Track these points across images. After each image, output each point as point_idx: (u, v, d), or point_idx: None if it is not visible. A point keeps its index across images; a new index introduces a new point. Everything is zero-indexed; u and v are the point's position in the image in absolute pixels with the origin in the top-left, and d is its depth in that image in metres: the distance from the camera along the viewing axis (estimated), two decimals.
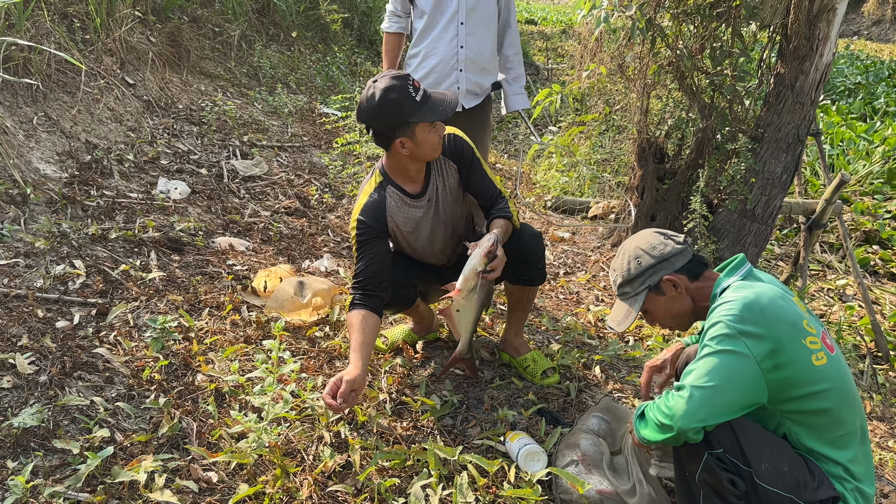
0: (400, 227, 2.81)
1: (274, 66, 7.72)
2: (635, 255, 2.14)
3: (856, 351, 3.77)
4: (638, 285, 2.14)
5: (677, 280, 2.09)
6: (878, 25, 29.69)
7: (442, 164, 2.80)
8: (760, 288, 1.94)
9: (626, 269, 2.15)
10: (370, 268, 2.67)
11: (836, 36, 3.74)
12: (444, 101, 2.57)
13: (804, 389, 1.85)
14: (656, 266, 2.10)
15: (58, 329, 2.88)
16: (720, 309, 1.91)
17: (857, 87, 11.80)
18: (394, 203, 2.76)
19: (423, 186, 2.79)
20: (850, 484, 1.88)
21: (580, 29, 4.86)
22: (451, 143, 2.78)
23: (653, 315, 2.19)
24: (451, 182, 2.83)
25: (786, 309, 1.89)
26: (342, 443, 2.51)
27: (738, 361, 1.82)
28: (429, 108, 2.53)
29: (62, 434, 2.32)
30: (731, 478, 1.82)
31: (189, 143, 5.34)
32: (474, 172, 2.81)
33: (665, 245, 2.12)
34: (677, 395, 1.87)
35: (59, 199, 3.81)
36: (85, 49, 5.14)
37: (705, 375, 1.83)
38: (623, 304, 2.20)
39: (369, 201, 2.73)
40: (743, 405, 1.86)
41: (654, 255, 2.11)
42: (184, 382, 2.73)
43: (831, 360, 1.88)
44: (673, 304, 2.12)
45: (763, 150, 3.89)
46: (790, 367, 1.82)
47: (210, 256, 3.82)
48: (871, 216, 5.82)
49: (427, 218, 2.84)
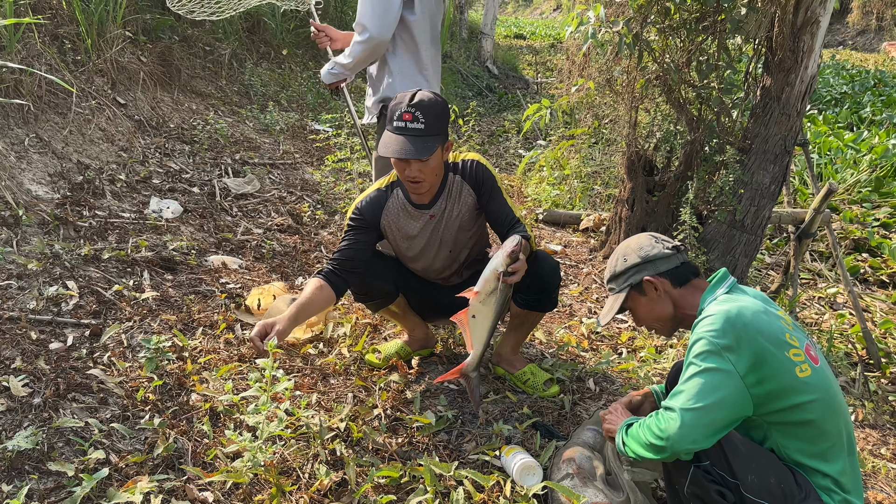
0: (394, 230, 2.89)
1: (265, 84, 7.75)
2: (624, 254, 2.25)
3: (847, 359, 3.79)
4: (622, 282, 2.24)
5: (658, 283, 2.16)
6: (862, 35, 29.97)
7: (458, 186, 2.84)
8: (743, 302, 1.96)
9: (614, 266, 2.27)
10: (347, 251, 2.80)
11: (821, 48, 3.79)
12: (405, 143, 2.57)
13: (788, 401, 1.86)
14: (639, 266, 2.19)
15: (51, 351, 2.88)
16: (702, 324, 1.94)
17: (843, 96, 11.90)
18: (394, 206, 2.84)
19: (431, 201, 2.83)
20: (839, 496, 1.88)
21: (568, 44, 4.91)
22: (473, 171, 2.82)
23: (635, 314, 2.29)
24: (463, 206, 2.86)
25: (768, 322, 1.91)
26: (338, 460, 2.51)
27: (723, 378, 1.84)
28: (390, 136, 2.60)
29: (57, 456, 2.32)
30: (719, 490, 1.83)
31: (181, 162, 5.36)
32: (494, 200, 2.82)
33: (653, 248, 2.20)
34: (668, 417, 1.89)
35: (52, 220, 3.81)
36: (76, 70, 5.16)
37: (693, 397, 1.86)
38: (610, 299, 2.32)
39: (373, 195, 2.86)
40: (732, 420, 1.89)
41: (639, 255, 2.20)
42: (178, 402, 2.73)
43: (815, 371, 1.89)
44: (653, 306, 2.20)
45: (751, 161, 3.93)
46: (773, 379, 1.85)
47: (203, 275, 3.82)
48: (859, 224, 5.86)
49: (426, 232, 2.88)
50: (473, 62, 14.00)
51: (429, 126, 2.57)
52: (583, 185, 6.24)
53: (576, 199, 6.12)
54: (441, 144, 2.65)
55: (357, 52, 3.32)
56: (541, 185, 6.37)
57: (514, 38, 24.20)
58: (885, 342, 4.07)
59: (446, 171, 2.84)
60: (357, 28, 3.28)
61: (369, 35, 3.24)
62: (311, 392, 2.91)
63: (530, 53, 17.66)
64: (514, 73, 14.81)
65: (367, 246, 2.85)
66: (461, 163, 2.85)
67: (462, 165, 2.85)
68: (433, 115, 2.59)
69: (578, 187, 6.21)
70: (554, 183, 6.39)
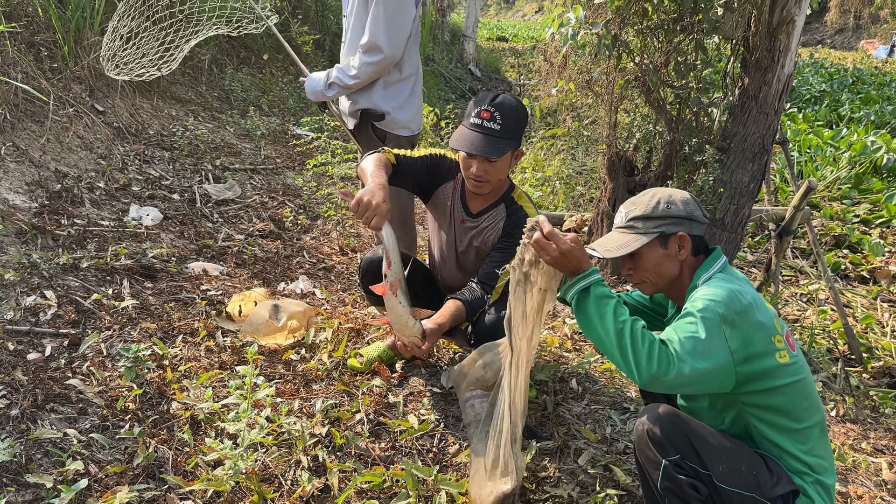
0: (432, 197, 2.96)
1: (246, 89, 7.72)
2: (668, 199, 2.09)
3: (829, 354, 3.82)
4: (653, 225, 2.08)
5: (684, 243, 2.08)
6: (840, 34, 30.29)
7: (496, 223, 2.85)
8: (743, 284, 2.00)
9: (653, 206, 2.09)
10: (408, 160, 2.84)
11: (797, 47, 3.83)
12: (478, 139, 2.59)
13: (766, 384, 1.90)
14: (682, 219, 2.07)
15: (29, 361, 2.84)
16: (704, 293, 1.92)
17: (822, 94, 12.03)
18: (448, 188, 2.93)
19: (479, 213, 2.87)
20: (810, 477, 1.92)
21: (546, 45, 4.92)
22: (516, 221, 2.78)
23: (641, 263, 2.12)
24: (486, 239, 2.88)
25: (763, 306, 1.95)
26: (320, 466, 2.50)
27: (715, 337, 1.83)
28: (464, 131, 2.63)
29: (35, 468, 2.29)
30: (691, 482, 1.83)
31: (161, 169, 5.32)
32: (503, 253, 2.80)
33: (696, 209, 2.10)
34: (668, 355, 1.82)
35: (29, 229, 3.77)
36: (53, 77, 5.11)
37: (694, 335, 1.83)
38: (622, 235, 2.13)
39: (451, 163, 2.93)
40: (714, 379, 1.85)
41: (686, 210, 2.08)
42: (158, 411, 2.70)
43: (793, 357, 1.94)
44: (666, 261, 2.09)
45: (730, 160, 3.95)
46: (757, 361, 1.87)
47: (183, 282, 3.79)
48: (840, 221, 5.92)
49: (443, 226, 2.96)
50: (456, 65, 14.03)
51: (504, 129, 2.58)
52: (565, 187, 6.26)
53: (558, 200, 6.13)
54: (512, 150, 2.65)
55: (367, 73, 3.27)
56: (523, 186, 6.38)
57: (497, 41, 24.25)
58: (866, 337, 4.10)
59: (504, 198, 2.85)
60: (368, 48, 3.21)
61: (383, 56, 3.22)
62: (292, 398, 2.89)
63: (513, 55, 17.73)
64: (496, 76, 14.86)
65: (417, 175, 2.87)
66: (519, 207, 2.83)
67: (515, 210, 2.83)
68: (511, 119, 2.60)
69: (561, 188, 6.23)
70: (536, 184, 6.40)
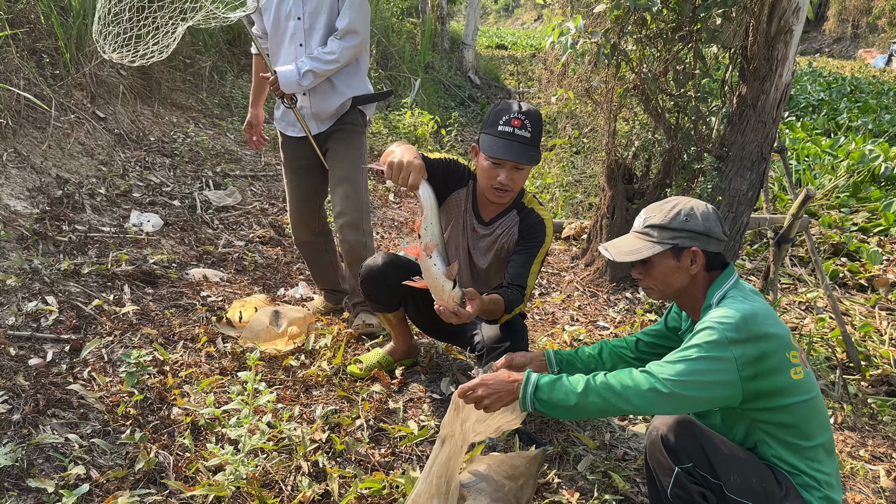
0: (444, 203, 2.87)
1: (246, 96, 7.73)
2: (689, 212, 2.07)
3: (827, 362, 3.83)
4: (668, 236, 2.06)
5: (698, 258, 2.07)
6: (838, 43, 30.40)
7: (510, 228, 2.83)
8: (758, 301, 1.98)
9: (672, 217, 2.07)
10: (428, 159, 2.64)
11: (795, 56, 3.85)
12: (514, 147, 2.58)
13: (779, 401, 1.89)
14: (698, 234, 2.06)
15: (31, 366, 2.85)
16: (717, 314, 1.92)
17: (820, 103, 12.07)
18: (461, 194, 2.88)
19: (491, 220, 2.85)
20: (819, 492, 1.92)
21: (546, 54, 4.95)
22: (532, 222, 2.78)
23: (652, 270, 2.12)
24: (502, 246, 2.86)
25: (778, 320, 1.94)
26: (320, 472, 2.50)
27: (720, 365, 1.84)
28: (496, 139, 2.59)
29: (36, 473, 2.29)
30: (701, 491, 1.85)
31: (161, 175, 5.34)
32: (524, 255, 2.75)
33: (716, 225, 2.08)
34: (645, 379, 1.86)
35: (31, 235, 3.78)
36: (55, 84, 5.13)
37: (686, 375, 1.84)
38: (637, 240, 2.13)
39: (465, 169, 2.88)
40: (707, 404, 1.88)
41: (705, 225, 2.06)
42: (159, 416, 2.71)
43: (807, 374, 1.94)
44: (676, 273, 2.08)
45: (728, 168, 3.97)
46: (770, 377, 1.87)
47: (184, 288, 3.80)
48: (838, 229, 5.94)
49: (455, 232, 2.91)
50: (455, 73, 14.06)
51: (534, 136, 2.61)
52: (565, 194, 6.28)
53: (558, 207, 6.16)
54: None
55: (346, 56, 3.32)
56: None
57: (496, 49, 24.33)
58: (865, 345, 4.11)
59: (515, 204, 2.85)
60: (346, 32, 3.29)
61: (360, 40, 3.32)
62: (293, 404, 2.90)
63: (512, 63, 17.77)
64: (495, 83, 14.89)
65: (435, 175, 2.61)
66: (530, 210, 2.83)
67: (528, 213, 2.82)
68: (539, 127, 2.63)
69: (560, 196, 6.25)
70: (535, 192, 6.42)
